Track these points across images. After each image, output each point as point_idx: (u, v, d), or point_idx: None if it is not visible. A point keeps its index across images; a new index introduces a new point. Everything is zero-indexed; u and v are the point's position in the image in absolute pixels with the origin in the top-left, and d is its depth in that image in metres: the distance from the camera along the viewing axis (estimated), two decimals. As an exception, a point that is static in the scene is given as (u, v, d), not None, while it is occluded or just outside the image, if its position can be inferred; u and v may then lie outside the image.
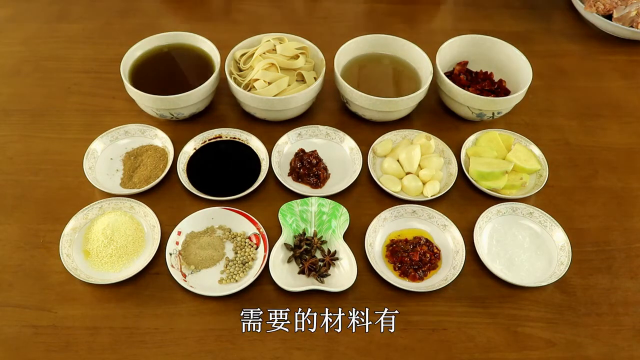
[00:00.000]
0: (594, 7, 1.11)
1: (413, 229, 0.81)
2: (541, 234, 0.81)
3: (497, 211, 0.81)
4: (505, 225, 0.81)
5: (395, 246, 0.79)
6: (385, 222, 0.81)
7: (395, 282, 0.74)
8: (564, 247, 0.78)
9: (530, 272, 0.77)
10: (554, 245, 0.79)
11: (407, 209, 0.82)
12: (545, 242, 0.80)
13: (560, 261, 0.77)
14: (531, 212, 0.82)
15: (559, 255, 0.78)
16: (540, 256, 0.79)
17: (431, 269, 0.77)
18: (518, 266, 0.78)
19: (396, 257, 0.77)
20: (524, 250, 0.79)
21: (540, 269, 0.77)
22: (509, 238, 0.80)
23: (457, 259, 0.77)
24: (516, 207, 0.82)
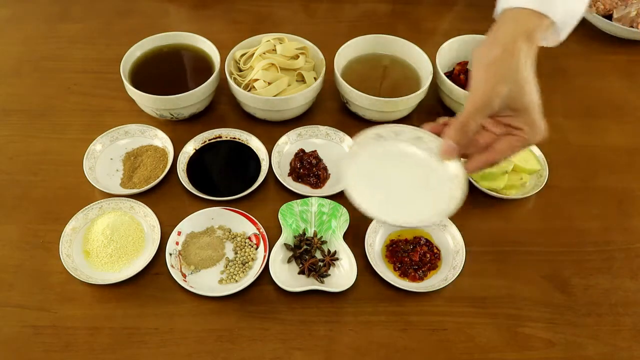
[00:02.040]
0: (594, 7, 1.11)
1: (413, 229, 0.81)
2: (428, 162, 0.68)
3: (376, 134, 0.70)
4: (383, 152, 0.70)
5: (395, 246, 0.79)
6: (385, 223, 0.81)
7: (395, 282, 0.74)
8: (457, 175, 0.67)
9: (413, 208, 0.67)
10: (444, 175, 0.68)
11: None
12: (432, 172, 0.68)
13: (453, 194, 0.66)
14: (420, 136, 0.69)
15: (450, 187, 0.67)
16: (427, 190, 0.68)
17: (431, 269, 0.77)
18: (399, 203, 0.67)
19: (396, 257, 0.77)
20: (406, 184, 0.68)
21: (426, 205, 0.67)
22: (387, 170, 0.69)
23: (457, 259, 0.77)
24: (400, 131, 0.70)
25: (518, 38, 0.64)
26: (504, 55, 0.63)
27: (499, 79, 0.63)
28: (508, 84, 0.63)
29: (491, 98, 0.63)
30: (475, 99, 0.64)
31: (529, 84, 0.64)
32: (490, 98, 0.63)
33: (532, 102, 0.64)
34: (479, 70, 0.65)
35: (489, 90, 0.63)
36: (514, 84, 0.63)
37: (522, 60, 0.63)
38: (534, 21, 0.65)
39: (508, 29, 0.66)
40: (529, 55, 0.64)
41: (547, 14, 0.66)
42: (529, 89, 0.64)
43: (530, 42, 0.65)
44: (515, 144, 0.66)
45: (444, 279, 0.75)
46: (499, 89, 0.63)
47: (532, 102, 0.64)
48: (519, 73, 0.63)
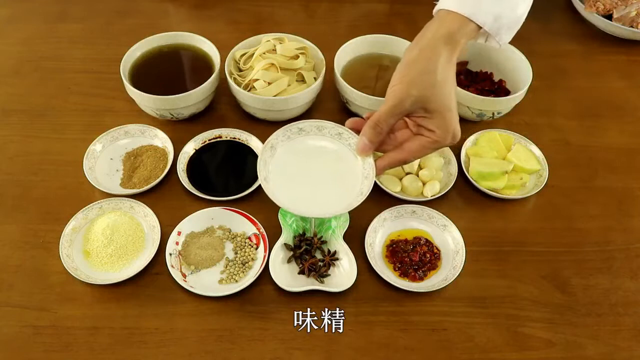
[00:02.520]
0: (594, 7, 1.11)
1: (413, 229, 0.81)
2: (345, 157, 0.71)
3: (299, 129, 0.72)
4: (302, 145, 0.72)
5: (395, 246, 0.79)
6: (385, 222, 0.81)
7: (395, 282, 0.74)
8: (368, 175, 0.69)
9: (324, 200, 0.68)
10: (358, 172, 0.69)
11: (407, 209, 0.82)
12: (347, 167, 0.70)
13: (361, 191, 0.68)
14: (340, 132, 0.72)
15: (362, 185, 0.68)
16: (340, 183, 0.70)
17: (431, 269, 0.77)
18: (312, 195, 0.69)
19: (396, 257, 0.77)
20: (321, 177, 0.70)
21: (336, 198, 0.68)
22: (305, 163, 0.71)
23: (457, 259, 0.77)
24: (323, 126, 0.72)
25: (438, 41, 0.65)
26: (419, 57, 0.65)
27: (412, 81, 0.64)
28: (420, 86, 0.64)
29: (403, 99, 0.64)
30: (389, 99, 0.65)
31: (443, 87, 0.64)
32: (402, 99, 0.64)
33: (445, 105, 0.64)
34: (397, 70, 0.66)
35: (401, 92, 0.64)
36: (427, 87, 0.64)
37: (439, 64, 0.64)
38: (458, 25, 0.66)
39: (430, 31, 0.67)
40: (449, 58, 0.65)
41: (472, 19, 0.66)
42: (442, 92, 0.64)
43: (452, 45, 0.65)
44: (426, 145, 0.67)
45: (444, 279, 0.75)
46: (411, 90, 0.64)
47: (445, 105, 0.64)
48: (433, 76, 0.63)
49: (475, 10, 0.66)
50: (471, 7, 0.66)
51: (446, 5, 0.68)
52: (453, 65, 0.66)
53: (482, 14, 0.67)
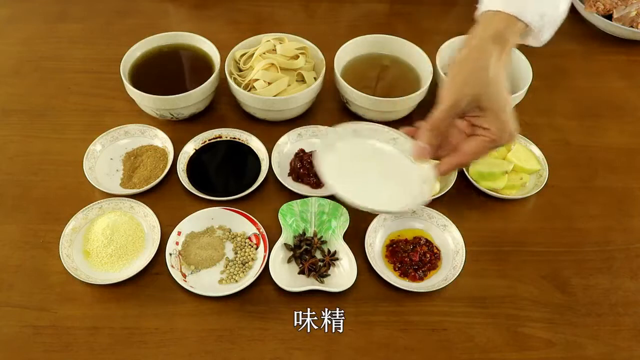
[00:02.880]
0: (594, 7, 1.11)
1: (413, 229, 0.81)
2: (403, 161, 0.72)
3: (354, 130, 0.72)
4: (363, 148, 0.74)
5: (395, 246, 0.79)
6: (385, 222, 0.81)
7: (395, 282, 0.74)
8: (428, 179, 0.70)
9: (386, 198, 0.69)
10: (417, 176, 0.70)
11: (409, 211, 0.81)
12: (406, 170, 0.72)
13: (423, 192, 0.69)
14: (395, 137, 0.73)
15: (422, 187, 0.69)
16: (400, 184, 0.71)
17: (431, 269, 0.77)
18: (374, 193, 0.69)
19: (396, 257, 0.77)
20: (380, 177, 0.72)
21: (398, 197, 0.69)
22: (363, 164, 0.73)
23: (457, 259, 0.77)
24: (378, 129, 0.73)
25: (487, 40, 0.65)
26: (470, 56, 0.65)
27: (466, 80, 0.64)
28: (474, 85, 0.63)
29: (458, 99, 0.64)
30: (444, 99, 0.65)
31: (496, 85, 0.64)
32: (457, 99, 0.64)
33: (500, 103, 0.64)
34: (449, 70, 0.66)
35: (456, 91, 0.64)
36: (481, 85, 0.63)
37: (490, 61, 0.64)
38: (506, 24, 0.66)
39: (479, 32, 0.67)
40: (499, 57, 0.65)
41: (520, 17, 0.66)
42: (496, 90, 0.64)
43: (501, 44, 0.65)
44: (483, 144, 0.66)
45: (444, 279, 0.75)
46: (465, 89, 0.63)
47: (500, 102, 0.64)
48: (485, 73, 0.63)
49: (522, 9, 0.66)
50: (517, 6, 0.66)
51: (491, 5, 0.68)
52: (503, 63, 0.66)
53: (529, 12, 0.66)
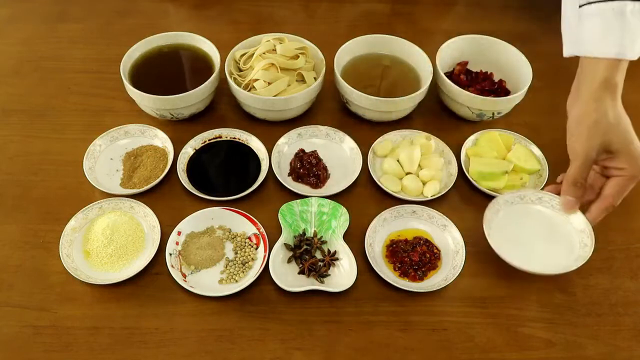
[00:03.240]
0: (594, 7, 1.10)
1: (413, 229, 0.81)
2: (556, 218, 0.77)
3: (505, 201, 0.79)
4: (515, 214, 0.79)
5: (395, 246, 0.79)
6: (386, 223, 0.81)
7: (395, 282, 0.74)
8: (584, 229, 0.75)
9: (552, 259, 0.74)
10: (573, 228, 0.76)
11: (407, 209, 0.82)
12: (562, 226, 0.77)
13: (584, 243, 0.74)
14: (540, 197, 0.79)
15: (581, 237, 0.75)
16: (560, 241, 0.76)
17: (431, 269, 0.77)
18: (538, 255, 0.74)
19: (396, 257, 0.77)
20: (540, 238, 0.76)
21: (562, 255, 0.74)
22: (521, 227, 0.78)
23: (457, 259, 0.77)
24: (524, 195, 0.79)
25: (597, 91, 0.69)
26: (586, 111, 0.69)
27: (590, 134, 0.68)
28: (599, 135, 0.68)
29: (588, 153, 0.69)
30: (576, 156, 0.70)
31: (618, 127, 0.68)
32: (588, 152, 0.69)
33: (627, 141, 0.68)
34: (570, 128, 0.72)
35: (585, 146, 0.69)
36: (605, 133, 0.68)
37: (607, 109, 0.68)
38: (610, 69, 0.68)
39: (587, 82, 0.70)
40: (613, 100, 0.69)
41: (623, 58, 0.68)
42: (620, 132, 0.68)
43: (612, 89, 0.69)
44: (623, 183, 0.71)
45: (444, 279, 0.75)
46: (592, 142, 0.69)
47: (626, 141, 0.68)
48: (606, 122, 0.67)
49: (621, 49, 0.68)
50: (616, 46, 0.68)
51: (589, 51, 0.70)
52: (619, 102, 0.70)
53: (628, 49, 0.68)
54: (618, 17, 0.67)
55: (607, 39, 0.68)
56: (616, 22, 0.67)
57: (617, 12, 0.67)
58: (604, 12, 0.68)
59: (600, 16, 0.68)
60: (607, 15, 0.67)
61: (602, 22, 0.68)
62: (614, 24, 0.67)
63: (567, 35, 0.75)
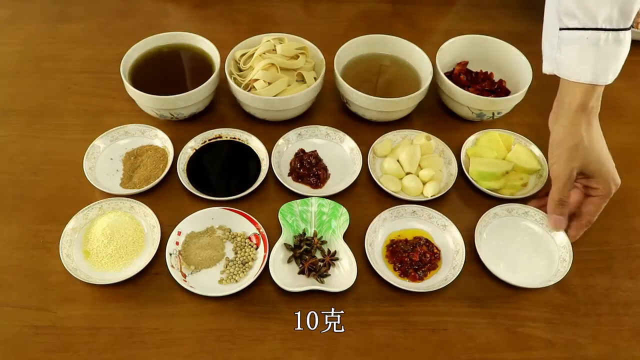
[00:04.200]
0: (594, 7, 1.11)
1: (413, 229, 0.81)
2: (540, 233, 0.81)
3: (494, 214, 0.81)
4: (503, 227, 0.81)
5: (395, 246, 0.78)
6: (385, 222, 0.81)
7: (395, 282, 0.74)
8: (565, 245, 0.78)
9: (534, 272, 0.77)
10: (554, 243, 0.79)
11: (407, 209, 0.82)
12: (544, 240, 0.80)
13: (562, 258, 0.77)
14: (526, 211, 0.82)
15: (561, 252, 0.78)
16: (542, 255, 0.79)
17: (431, 269, 0.77)
18: (521, 267, 0.77)
19: (396, 257, 0.77)
20: (524, 250, 0.79)
21: (543, 268, 0.77)
22: (508, 240, 0.80)
23: (457, 259, 0.77)
24: (512, 208, 0.82)
25: (574, 115, 0.74)
26: (565, 135, 0.74)
27: (569, 157, 0.74)
28: (577, 159, 0.74)
29: (568, 174, 0.74)
30: (558, 177, 0.75)
31: (593, 150, 0.74)
32: (568, 175, 0.74)
33: (600, 165, 0.74)
34: (551, 148, 0.76)
35: (564, 169, 0.74)
36: (582, 157, 0.73)
37: (583, 134, 0.73)
38: (588, 92, 0.73)
39: (564, 105, 0.75)
40: (589, 124, 0.74)
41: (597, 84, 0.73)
42: (594, 156, 0.74)
43: (587, 113, 0.74)
44: (597, 202, 0.77)
45: (444, 279, 0.75)
46: (572, 164, 0.74)
47: (599, 163, 0.74)
48: (583, 146, 0.73)
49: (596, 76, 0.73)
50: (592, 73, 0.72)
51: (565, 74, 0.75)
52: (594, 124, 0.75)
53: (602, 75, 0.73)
54: (592, 46, 0.72)
55: (582, 66, 0.73)
56: (591, 51, 0.72)
57: (591, 41, 0.71)
58: (581, 40, 0.72)
59: (577, 44, 0.73)
60: (583, 44, 0.72)
61: (578, 50, 0.73)
62: (589, 52, 0.72)
63: (547, 54, 0.79)
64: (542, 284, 0.75)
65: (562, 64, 0.75)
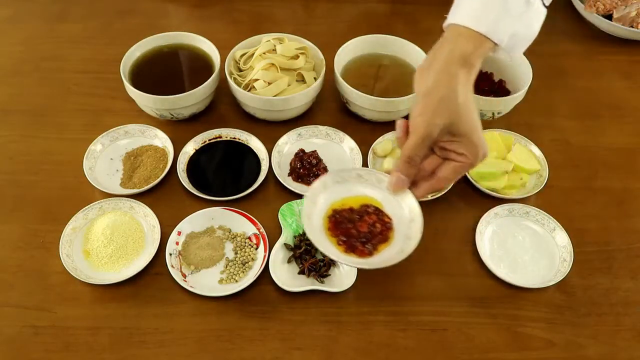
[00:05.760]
0: (594, 7, 1.11)
1: (360, 196, 0.70)
2: (541, 233, 0.81)
3: (495, 214, 0.81)
4: (504, 227, 0.81)
5: (338, 217, 0.68)
6: (326, 189, 0.70)
7: (339, 258, 0.65)
8: (565, 245, 0.78)
9: (534, 272, 0.77)
10: (554, 243, 0.79)
11: (352, 173, 0.71)
12: (545, 240, 0.80)
13: (563, 258, 0.77)
14: (527, 211, 0.81)
15: (561, 253, 0.78)
16: (543, 255, 0.79)
17: (382, 242, 0.67)
18: (522, 267, 0.77)
19: (340, 230, 0.67)
20: (525, 250, 0.79)
21: (544, 268, 0.77)
22: (509, 240, 0.80)
23: (413, 228, 0.67)
24: (513, 208, 0.82)
25: (453, 65, 0.63)
26: (437, 84, 0.63)
27: (436, 110, 0.63)
28: (445, 114, 0.62)
29: (430, 130, 0.63)
30: (416, 131, 0.64)
31: (466, 111, 0.63)
32: (429, 130, 0.63)
33: (471, 127, 0.63)
34: (417, 100, 0.65)
35: (427, 122, 0.63)
36: (451, 113, 0.62)
37: (459, 88, 0.62)
38: (474, 44, 0.64)
39: (444, 53, 0.65)
40: (467, 80, 0.64)
41: (489, 37, 0.64)
42: (466, 115, 0.63)
43: (468, 67, 0.64)
44: (458, 169, 0.66)
45: (399, 251, 0.65)
46: (436, 120, 0.63)
47: (470, 127, 0.63)
48: (455, 102, 0.62)
49: (492, 28, 0.64)
50: (487, 24, 0.64)
51: (461, 20, 0.66)
52: (471, 85, 0.65)
53: (500, 32, 0.65)
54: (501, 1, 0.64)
55: (482, 15, 0.64)
56: (496, 3, 0.64)
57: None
58: None
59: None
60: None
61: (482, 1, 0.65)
62: (494, 4, 0.64)
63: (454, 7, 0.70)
64: (542, 284, 0.75)
65: (461, 10, 0.66)
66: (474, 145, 0.64)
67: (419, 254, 0.79)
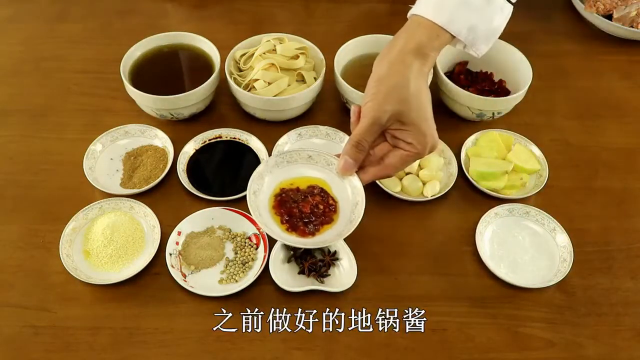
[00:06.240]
0: (594, 7, 1.11)
1: (308, 177, 0.73)
2: (541, 233, 0.81)
3: (495, 214, 0.81)
4: (504, 227, 0.81)
5: (284, 195, 0.70)
6: (275, 169, 0.73)
7: (281, 237, 0.67)
8: (565, 245, 0.78)
9: (534, 272, 0.77)
10: (554, 243, 0.79)
11: (302, 154, 0.74)
12: (545, 240, 0.80)
13: (563, 258, 0.77)
14: (527, 211, 0.81)
15: (561, 253, 0.78)
16: (543, 255, 0.79)
17: (325, 224, 0.69)
18: (522, 267, 0.77)
19: (284, 209, 0.69)
20: (525, 250, 0.79)
21: (544, 268, 0.77)
22: (509, 240, 0.80)
23: (356, 211, 0.68)
24: (513, 208, 0.82)
25: (407, 54, 0.64)
26: (390, 71, 0.64)
27: (386, 97, 0.63)
28: (395, 102, 0.63)
29: (379, 116, 0.64)
30: (365, 116, 0.65)
31: (417, 100, 0.64)
32: (378, 116, 0.64)
33: (421, 117, 0.64)
34: (370, 86, 0.65)
35: (377, 108, 0.64)
36: (401, 101, 0.63)
37: (411, 77, 0.63)
38: (430, 35, 0.65)
39: (400, 42, 0.66)
40: (420, 70, 0.65)
41: (446, 28, 0.65)
42: (416, 105, 0.64)
43: (423, 58, 0.65)
44: (406, 158, 0.68)
45: (338, 234, 0.67)
46: (386, 106, 0.63)
47: (420, 117, 0.64)
48: (406, 90, 0.63)
49: (450, 19, 0.65)
50: (446, 16, 0.65)
51: (421, 11, 0.67)
52: (425, 75, 0.66)
53: (457, 23, 0.66)
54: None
55: (442, 7, 0.65)
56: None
57: None
58: None
59: None
60: None
61: None
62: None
63: None
64: (542, 284, 0.75)
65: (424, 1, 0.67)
66: (423, 134, 0.65)
67: (419, 254, 0.80)
